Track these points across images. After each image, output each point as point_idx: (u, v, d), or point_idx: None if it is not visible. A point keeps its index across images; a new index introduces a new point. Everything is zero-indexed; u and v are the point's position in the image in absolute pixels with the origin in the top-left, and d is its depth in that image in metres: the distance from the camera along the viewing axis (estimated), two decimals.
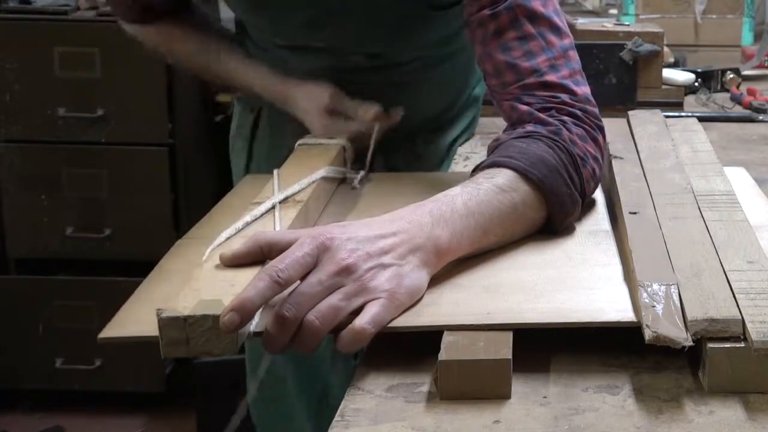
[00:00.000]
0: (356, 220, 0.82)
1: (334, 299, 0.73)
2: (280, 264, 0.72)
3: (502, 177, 0.89)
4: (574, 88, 1.00)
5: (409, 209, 0.83)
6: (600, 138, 1.00)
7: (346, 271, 0.74)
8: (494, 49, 1.01)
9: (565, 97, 0.99)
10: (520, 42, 1.00)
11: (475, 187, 0.87)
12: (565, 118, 0.97)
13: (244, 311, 0.69)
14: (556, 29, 1.01)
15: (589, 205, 1.00)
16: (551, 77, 0.99)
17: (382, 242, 0.77)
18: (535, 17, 1.00)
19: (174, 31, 1.34)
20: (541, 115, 0.97)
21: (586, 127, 0.98)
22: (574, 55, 1.02)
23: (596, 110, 1.01)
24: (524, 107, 0.98)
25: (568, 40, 1.02)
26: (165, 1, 1.31)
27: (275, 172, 1.03)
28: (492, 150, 0.97)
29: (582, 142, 0.96)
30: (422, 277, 0.78)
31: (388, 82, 1.27)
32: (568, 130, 0.96)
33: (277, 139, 1.37)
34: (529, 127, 0.96)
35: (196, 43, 1.34)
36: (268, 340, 0.72)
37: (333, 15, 1.19)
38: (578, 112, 0.98)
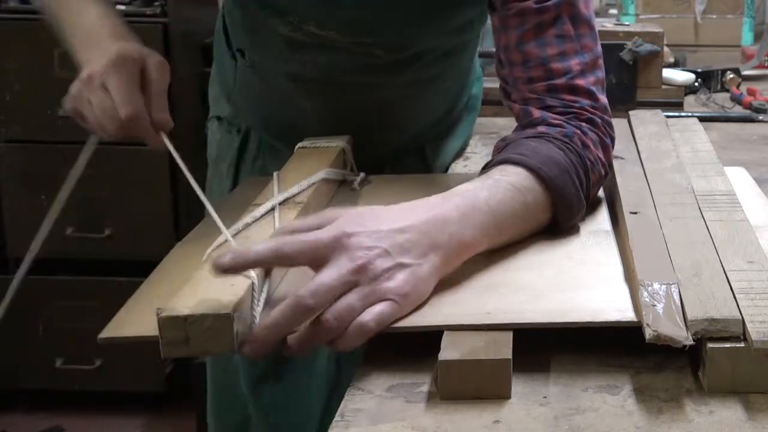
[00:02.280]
0: (379, 207, 0.80)
1: (351, 299, 0.72)
2: (289, 238, 0.74)
3: (516, 176, 0.89)
4: (598, 95, 1.00)
5: (436, 201, 0.82)
6: (610, 147, 1.01)
7: (363, 269, 0.73)
8: (529, 42, 0.99)
9: (586, 103, 0.99)
10: (558, 41, 0.99)
11: (494, 184, 0.87)
12: (583, 123, 0.97)
13: (238, 258, 0.71)
14: (593, 33, 1.01)
15: (590, 205, 1.00)
16: (580, 81, 0.99)
17: (402, 238, 0.76)
18: (577, 18, 1.00)
19: None
20: (554, 121, 0.97)
21: (601, 134, 0.98)
22: (602, 63, 1.02)
23: (611, 120, 1.01)
24: (538, 113, 0.98)
25: (599, 49, 1.02)
26: None
27: (275, 174, 1.03)
28: (499, 149, 0.97)
29: (594, 147, 0.97)
30: (435, 280, 0.78)
31: (404, 82, 1.22)
32: (583, 133, 0.96)
33: (268, 161, 1.31)
34: (541, 129, 0.96)
35: None
36: (279, 323, 0.71)
37: (354, 4, 1.10)
38: (597, 120, 0.98)
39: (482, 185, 0.86)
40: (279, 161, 1.14)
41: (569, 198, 0.91)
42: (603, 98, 1.01)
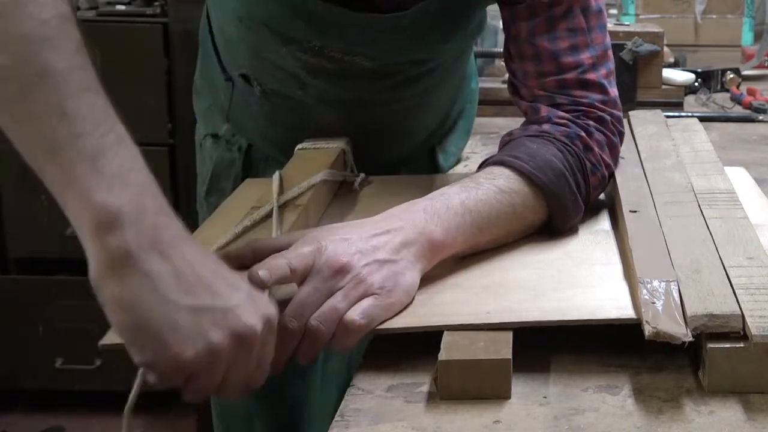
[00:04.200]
0: (349, 222, 0.82)
1: (335, 301, 0.73)
2: (288, 254, 0.73)
3: (504, 178, 0.89)
4: (609, 88, 0.99)
5: (402, 207, 0.83)
6: (618, 145, 1.00)
7: (341, 272, 0.74)
8: (540, 35, 0.99)
9: (597, 98, 0.98)
10: (569, 34, 0.98)
11: (475, 186, 0.87)
12: (591, 122, 0.97)
13: (273, 271, 0.70)
14: (603, 26, 1.01)
15: (590, 205, 1.00)
16: (591, 75, 0.98)
17: (375, 240, 0.77)
18: (588, 10, 0.99)
19: None
20: (560, 120, 0.96)
21: (609, 133, 0.98)
22: (611, 54, 1.02)
23: (621, 114, 1.01)
24: (545, 110, 0.97)
25: (608, 40, 1.02)
26: None
27: (275, 175, 1.03)
28: (503, 144, 0.97)
29: (599, 149, 0.96)
30: (415, 274, 0.79)
31: (420, 90, 1.19)
32: (590, 135, 0.96)
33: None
34: (545, 127, 0.96)
35: None
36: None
37: (385, 27, 1.06)
38: (606, 117, 0.98)
39: (461, 188, 0.87)
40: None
41: (565, 202, 0.91)
42: (613, 90, 1.00)
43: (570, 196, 0.91)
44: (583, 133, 0.95)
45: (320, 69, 1.10)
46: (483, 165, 0.94)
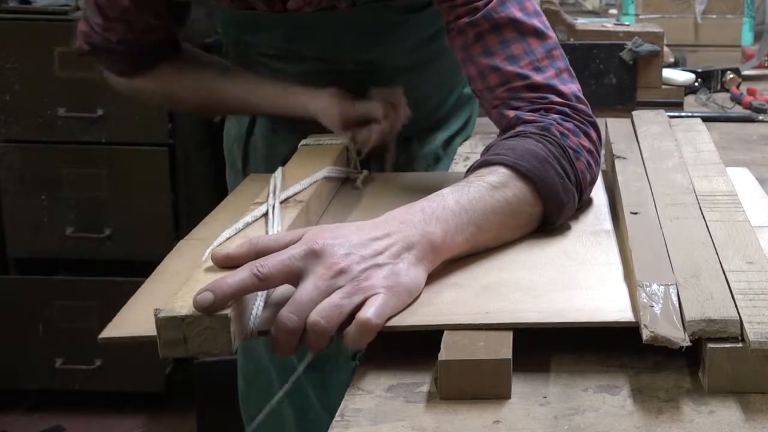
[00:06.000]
0: (349, 223, 0.82)
1: (336, 298, 0.73)
2: (263, 261, 0.73)
3: (493, 174, 0.89)
4: (561, 87, 1.00)
5: (400, 210, 0.83)
6: (592, 132, 1.00)
7: (340, 273, 0.74)
8: (476, 54, 1.01)
9: (552, 97, 0.99)
10: (502, 46, 1.00)
11: (466, 185, 0.88)
12: (554, 116, 0.97)
13: (217, 293, 0.69)
14: (537, 32, 1.01)
15: (590, 205, 1.00)
16: (537, 78, 0.99)
17: (375, 244, 0.77)
18: (514, 23, 1.00)
19: (169, 72, 1.28)
20: (529, 117, 0.97)
21: (576, 122, 0.98)
22: (558, 53, 1.02)
23: (586, 107, 1.01)
24: (512, 113, 0.99)
25: (552, 41, 1.02)
26: (155, 46, 1.25)
27: (277, 171, 1.03)
28: (484, 154, 0.97)
29: (574, 136, 0.96)
30: (419, 273, 0.79)
31: (377, 85, 1.25)
32: (559, 124, 0.96)
33: (275, 141, 1.36)
34: (519, 128, 0.97)
35: (196, 77, 1.28)
36: (276, 347, 0.73)
37: (308, 29, 1.18)
38: (567, 110, 0.98)
39: (453, 189, 0.87)
40: (284, 142, 1.22)
41: (554, 188, 0.91)
42: (568, 87, 1.01)
43: (558, 180, 0.91)
44: (555, 123, 0.96)
45: (270, 55, 1.26)
46: (469, 171, 0.94)
